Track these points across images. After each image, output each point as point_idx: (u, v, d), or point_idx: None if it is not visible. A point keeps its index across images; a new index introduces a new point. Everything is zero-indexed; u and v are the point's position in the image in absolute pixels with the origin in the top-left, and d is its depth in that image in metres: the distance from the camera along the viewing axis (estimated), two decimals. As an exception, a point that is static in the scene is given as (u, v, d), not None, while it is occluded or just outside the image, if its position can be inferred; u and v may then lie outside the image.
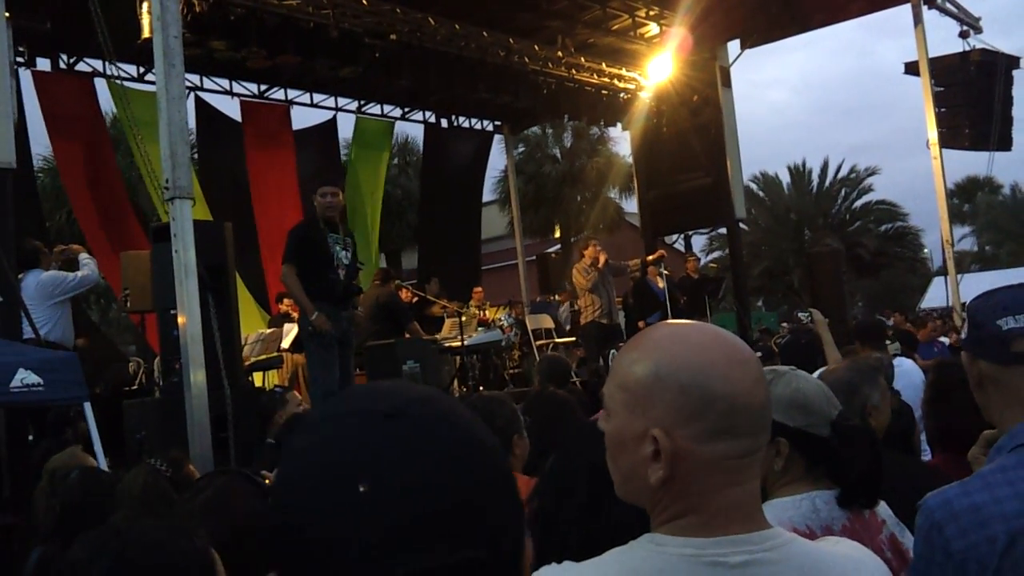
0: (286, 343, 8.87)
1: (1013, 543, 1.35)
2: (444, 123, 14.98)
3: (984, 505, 1.39)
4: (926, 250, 35.74)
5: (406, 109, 14.33)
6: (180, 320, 5.04)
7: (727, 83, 13.34)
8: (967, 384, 1.62)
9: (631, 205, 22.45)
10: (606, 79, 13.58)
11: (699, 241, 28.10)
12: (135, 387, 8.26)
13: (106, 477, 3.37)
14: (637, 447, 1.01)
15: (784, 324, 20.84)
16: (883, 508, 1.72)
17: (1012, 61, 12.56)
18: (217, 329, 5.42)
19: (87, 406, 5.05)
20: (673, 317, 10.31)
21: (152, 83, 7.44)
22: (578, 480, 1.43)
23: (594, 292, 10.11)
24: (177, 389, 5.24)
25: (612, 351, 4.81)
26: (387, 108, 14.00)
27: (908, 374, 4.80)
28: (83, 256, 7.15)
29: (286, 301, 9.59)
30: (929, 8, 11.60)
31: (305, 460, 0.73)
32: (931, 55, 11.74)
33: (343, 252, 6.39)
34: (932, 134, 11.55)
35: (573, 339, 11.99)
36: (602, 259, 10.14)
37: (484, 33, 11.69)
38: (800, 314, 7.21)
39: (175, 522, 1.62)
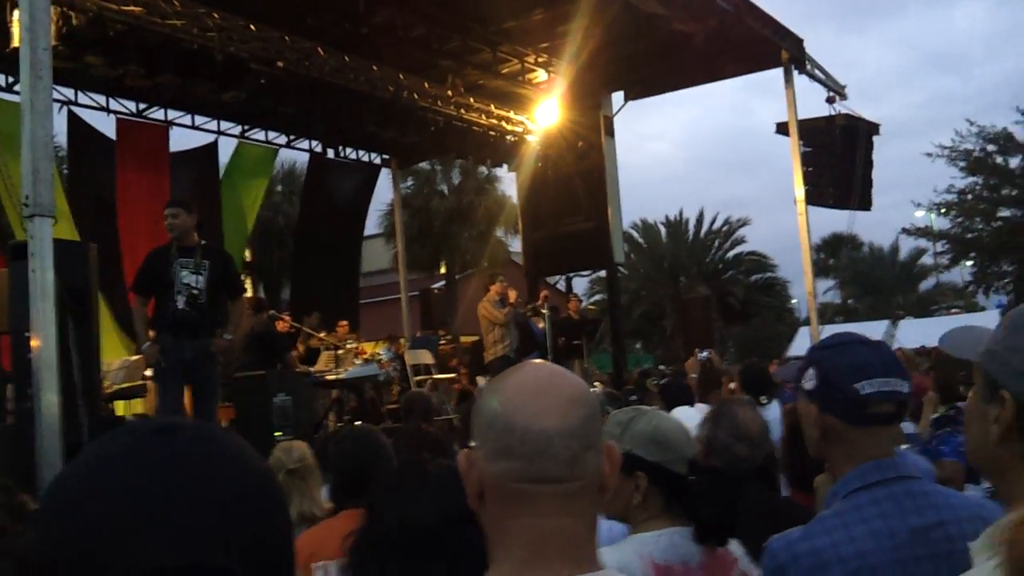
0: (149, 372, 8.51)
1: (850, 585, 1.42)
2: (331, 153, 14.83)
3: (824, 548, 1.46)
4: (793, 300, 37.51)
5: (292, 137, 14.12)
6: (34, 343, 4.76)
7: (610, 132, 13.75)
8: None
9: (517, 245, 22.74)
10: (494, 120, 13.77)
11: (580, 283, 28.70)
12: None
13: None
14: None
15: (661, 367, 21.39)
16: (735, 545, 1.80)
17: (873, 127, 13.43)
18: (76, 354, 5.14)
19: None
20: (552, 357, 10.45)
21: (20, 94, 7.10)
22: (391, 538, 1.41)
23: (505, 328, 10.18)
24: (29, 415, 4.93)
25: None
26: (272, 135, 13.75)
27: (776, 419, 5.02)
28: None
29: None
30: (799, 73, 12.29)
31: (71, 472, 0.74)
32: (800, 117, 12.42)
33: (192, 276, 6.00)
34: (799, 191, 12.16)
35: (452, 375, 11.98)
36: (512, 295, 10.23)
37: (373, 67, 11.68)
38: (700, 354, 7.45)
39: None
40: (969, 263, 31.83)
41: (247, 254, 13.73)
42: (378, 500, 1.61)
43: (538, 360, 1.15)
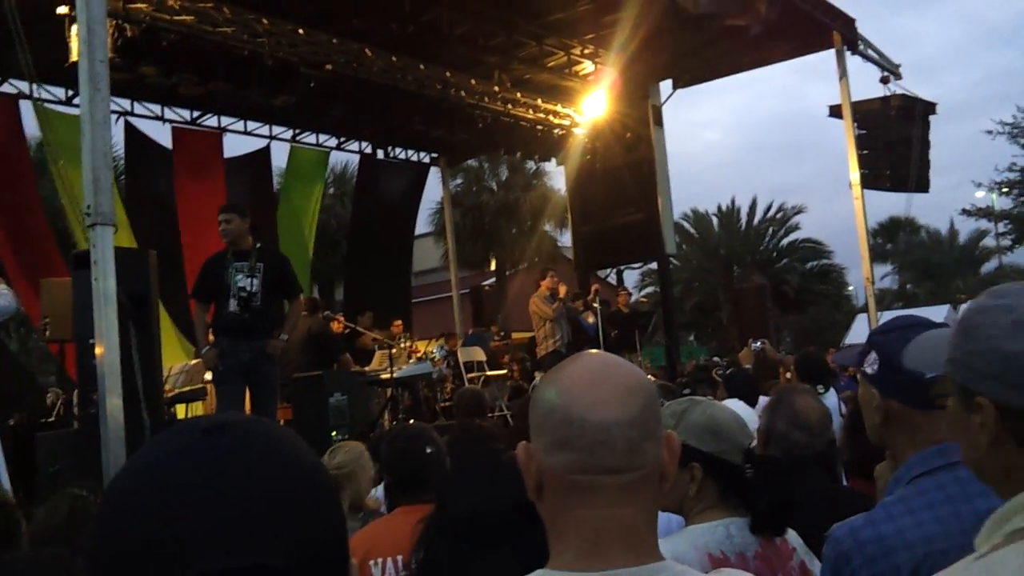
0: (210, 375, 8.68)
1: (916, 572, 1.39)
2: (380, 154, 14.96)
3: (888, 535, 1.43)
4: (850, 287, 36.80)
5: (341, 139, 14.28)
6: (98, 350, 4.88)
7: (659, 122, 13.63)
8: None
9: (566, 239, 22.69)
10: (541, 115, 13.74)
11: (631, 276, 28.51)
12: (52, 418, 7.99)
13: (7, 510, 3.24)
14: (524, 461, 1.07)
15: (715, 358, 21.16)
16: (793, 536, 1.78)
17: (929, 107, 13.11)
18: (138, 359, 5.27)
19: (-4, 438, 4.86)
20: (604, 351, 10.38)
21: (79, 106, 7.29)
22: (461, 527, 1.42)
23: (555, 323, 10.17)
24: (94, 421, 5.06)
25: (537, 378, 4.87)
26: (322, 137, 13.93)
27: (834, 407, 4.94)
28: (0, 287, 6.88)
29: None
30: (852, 54, 12.05)
31: (125, 471, 0.75)
32: (854, 99, 12.17)
33: (247, 279, 6.08)
34: (854, 175, 11.93)
35: (504, 372, 12.00)
36: (562, 290, 10.21)
37: (421, 66, 11.75)
38: (753, 344, 7.37)
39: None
40: (1033, 243, 30.91)
41: (310, 254, 13.88)
42: (448, 488, 1.63)
43: (594, 351, 1.14)
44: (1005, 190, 29.78)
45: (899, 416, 1.55)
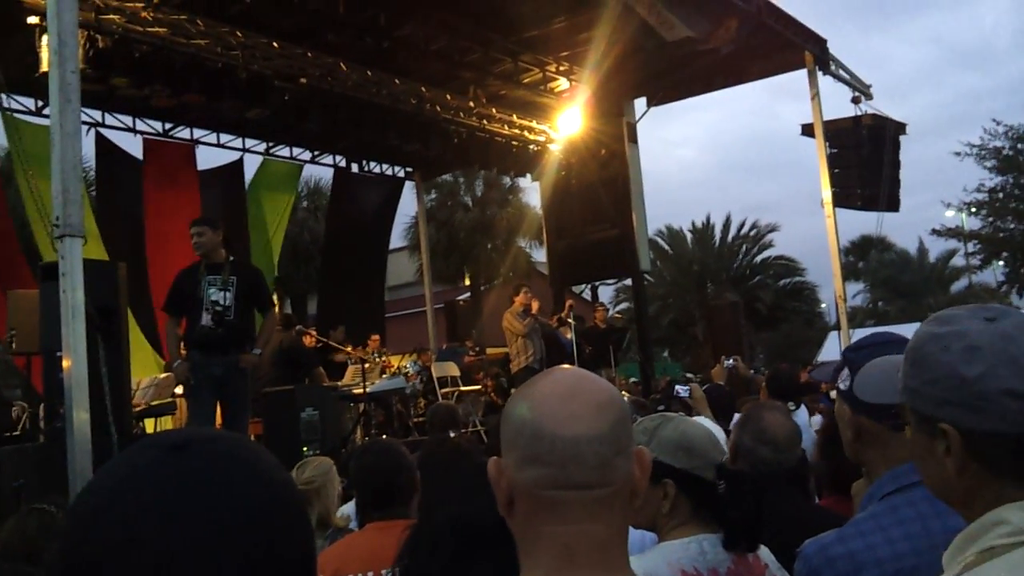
0: (179, 389, 8.58)
1: (887, 588, 1.39)
2: (354, 168, 14.92)
3: (858, 552, 1.43)
4: (823, 305, 37.13)
5: (316, 152, 14.23)
6: (65, 363, 4.81)
7: (633, 139, 13.71)
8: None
9: (540, 255, 22.74)
10: (516, 130, 13.79)
11: (606, 292, 28.60)
12: (18, 432, 7.84)
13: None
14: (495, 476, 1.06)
15: (689, 375, 21.24)
16: (765, 552, 1.77)
17: (900, 127, 13.28)
18: (106, 373, 5.19)
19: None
20: (579, 366, 10.39)
21: (49, 117, 7.21)
22: (443, 537, 1.41)
23: (527, 338, 10.16)
24: (61, 435, 4.98)
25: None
26: (296, 151, 13.87)
27: (804, 424, 4.96)
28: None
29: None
30: (824, 74, 12.19)
31: (90, 490, 0.75)
32: (826, 118, 12.31)
33: (220, 293, 6.05)
34: (826, 194, 12.04)
35: (478, 387, 11.97)
36: (535, 306, 10.21)
37: (396, 80, 11.75)
38: (726, 362, 7.40)
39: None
40: (1001, 263, 31.36)
41: (275, 266, 13.77)
42: (433, 498, 1.62)
43: (566, 366, 1.14)
44: (974, 210, 30.23)
45: (870, 433, 1.56)
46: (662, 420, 1.81)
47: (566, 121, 13.53)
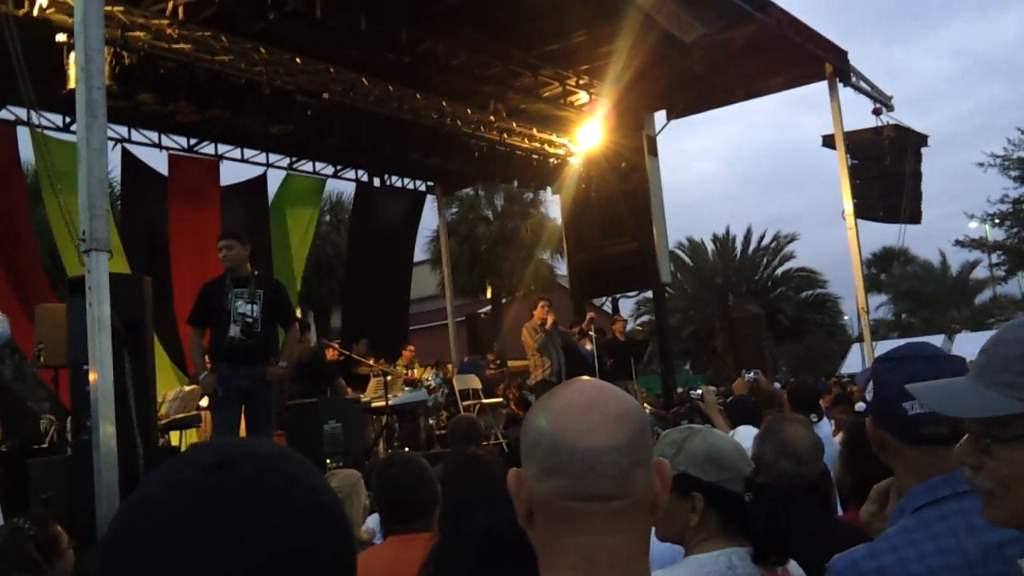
0: (204, 402, 8.64)
1: (918, 604, 1.38)
2: (376, 182, 15.01)
3: (890, 567, 1.41)
4: (845, 317, 36.84)
5: (338, 167, 14.32)
6: (92, 376, 4.86)
7: (653, 151, 13.71)
8: (875, 443, 1.66)
9: (562, 267, 22.71)
10: (537, 144, 13.82)
11: (627, 304, 28.52)
12: (46, 445, 7.93)
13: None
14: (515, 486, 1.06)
15: (711, 387, 21.09)
16: (794, 566, 1.76)
17: (921, 139, 13.20)
18: (131, 386, 5.24)
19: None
20: (601, 379, 10.37)
21: (76, 133, 7.31)
22: (468, 546, 1.41)
23: (543, 353, 10.17)
24: (87, 447, 5.02)
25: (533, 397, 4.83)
26: (319, 165, 13.97)
27: (827, 437, 4.93)
28: (-6, 313, 6.85)
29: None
30: (844, 86, 12.15)
31: (127, 511, 0.73)
32: (847, 130, 12.26)
33: (248, 306, 6.11)
34: (848, 205, 11.98)
35: (499, 400, 11.97)
36: (549, 320, 10.21)
37: (417, 95, 11.82)
38: (747, 375, 7.36)
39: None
40: (1026, 274, 31.05)
41: (299, 284, 13.85)
42: (459, 509, 1.62)
43: (585, 378, 1.14)
44: (998, 221, 29.95)
45: (891, 447, 1.54)
46: (689, 432, 1.79)
47: (586, 134, 13.56)
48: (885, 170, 12.47)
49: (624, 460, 1.00)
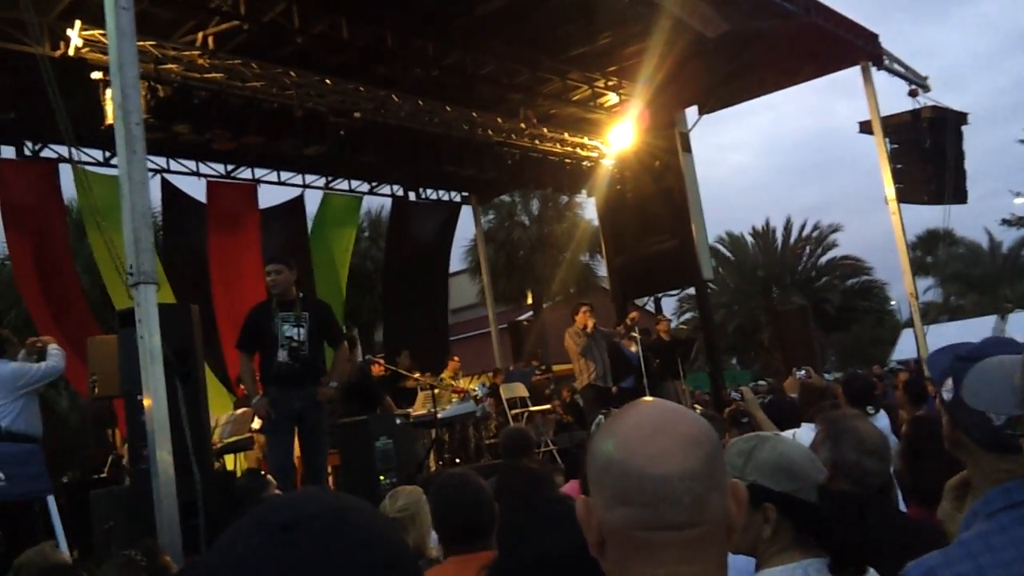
0: (256, 424, 8.73)
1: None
2: (412, 196, 15.09)
3: (968, 574, 1.36)
4: (893, 302, 36.24)
5: (373, 183, 14.43)
6: (146, 404, 4.93)
7: (687, 148, 13.60)
8: (941, 439, 1.61)
9: (602, 268, 22.65)
10: (569, 148, 13.79)
11: (669, 303, 28.33)
12: (105, 474, 8.08)
13: (72, 573, 3.26)
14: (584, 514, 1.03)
15: (761, 382, 20.87)
16: (873, 575, 1.70)
17: (961, 117, 12.95)
18: (185, 413, 5.31)
19: (50, 499, 4.91)
20: (648, 380, 10.32)
21: (117, 166, 7.44)
22: (524, 573, 1.39)
23: (587, 357, 10.15)
24: (145, 476, 5.10)
25: (600, 417, 4.78)
26: (355, 183, 14.09)
27: (885, 429, 4.82)
28: (52, 347, 6.98)
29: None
30: (878, 69, 11.97)
31: (204, 569, 0.75)
32: (884, 114, 12.06)
33: (295, 330, 6.16)
34: (889, 190, 11.79)
35: (548, 407, 11.94)
36: (590, 324, 10.18)
37: (447, 108, 11.87)
38: (798, 372, 7.23)
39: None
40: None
41: (343, 298, 13.96)
42: (508, 535, 1.60)
43: (649, 399, 1.10)
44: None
45: (968, 449, 1.50)
46: (758, 441, 1.73)
47: (618, 135, 13.49)
48: (926, 152, 12.25)
49: (698, 486, 0.96)
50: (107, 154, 10.64)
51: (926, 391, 6.23)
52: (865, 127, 12.24)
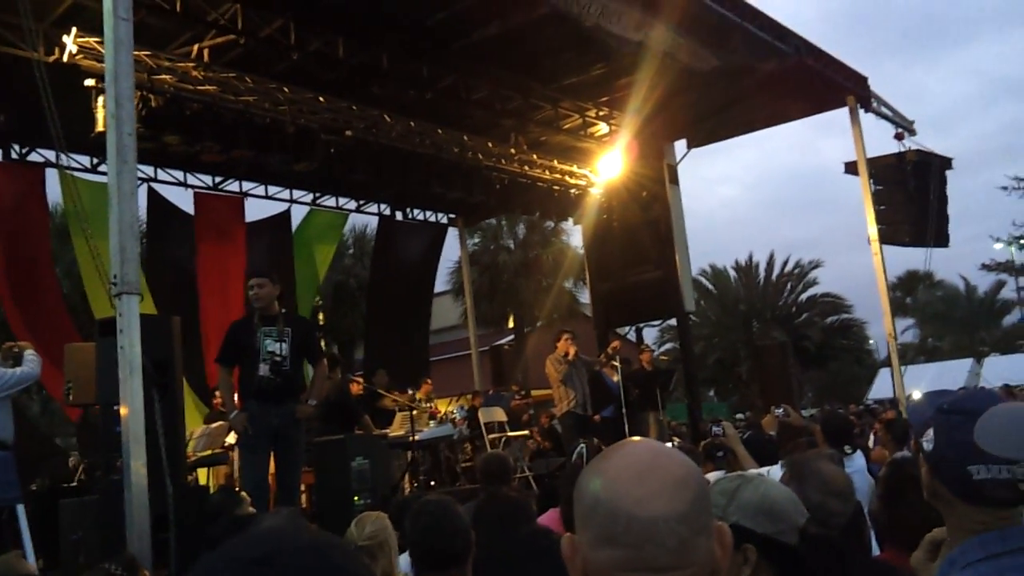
0: (231, 439, 8.66)
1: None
2: (399, 215, 15.11)
3: None
4: (871, 341, 36.46)
5: (361, 201, 14.44)
6: (123, 414, 4.88)
7: (674, 180, 13.71)
8: (919, 482, 1.61)
9: (585, 295, 22.69)
10: (558, 175, 13.87)
11: (651, 333, 28.36)
12: (75, 484, 7.97)
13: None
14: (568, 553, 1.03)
15: (738, 415, 20.93)
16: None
17: (945, 162, 13.12)
18: (161, 426, 5.26)
19: (20, 508, 4.83)
20: (626, 409, 10.34)
21: (105, 173, 7.40)
22: None
23: (567, 384, 10.18)
24: (117, 487, 5.04)
25: (581, 446, 4.77)
26: (342, 200, 14.09)
27: (861, 470, 4.84)
28: (28, 352, 6.90)
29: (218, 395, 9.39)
30: (865, 111, 12.12)
31: None
32: (869, 155, 12.20)
33: (277, 344, 6.12)
34: (872, 231, 11.91)
35: (526, 433, 11.91)
36: (572, 351, 10.20)
37: (439, 130, 11.92)
38: (777, 411, 7.25)
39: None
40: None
41: (321, 317, 13.92)
42: (488, 560, 1.60)
43: (638, 439, 1.11)
44: (1023, 244, 29.69)
45: (947, 500, 1.51)
46: (742, 481, 1.73)
47: (607, 165, 13.60)
48: (910, 195, 12.39)
49: (684, 529, 0.96)
50: (95, 160, 10.59)
51: (908, 432, 6.27)
52: (851, 167, 12.37)
